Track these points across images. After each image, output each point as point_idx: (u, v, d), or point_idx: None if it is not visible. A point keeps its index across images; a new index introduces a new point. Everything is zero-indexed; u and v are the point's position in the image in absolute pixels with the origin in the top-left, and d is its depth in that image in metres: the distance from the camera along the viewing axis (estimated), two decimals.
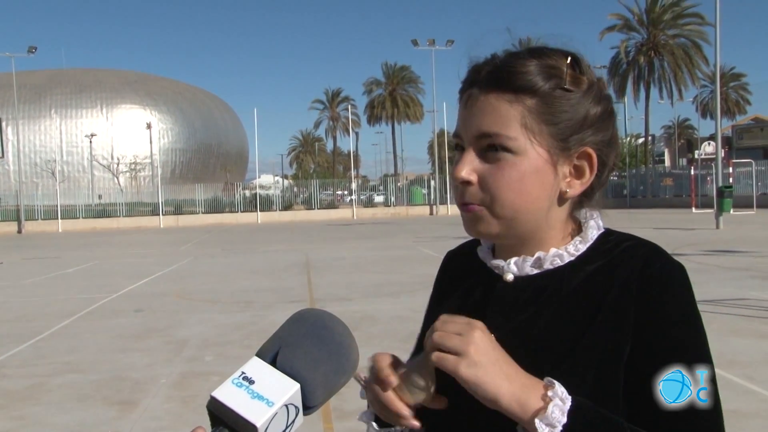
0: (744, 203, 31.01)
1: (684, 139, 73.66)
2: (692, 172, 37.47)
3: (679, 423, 0.90)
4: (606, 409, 0.88)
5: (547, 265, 0.99)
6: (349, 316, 8.55)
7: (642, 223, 24.45)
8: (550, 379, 0.87)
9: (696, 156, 51.74)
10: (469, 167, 0.96)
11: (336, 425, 4.63)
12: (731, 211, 24.23)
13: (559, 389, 0.85)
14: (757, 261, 12.97)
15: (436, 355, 0.87)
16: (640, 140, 58.50)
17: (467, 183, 0.96)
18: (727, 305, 8.44)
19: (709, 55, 48.93)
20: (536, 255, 1.00)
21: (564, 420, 0.83)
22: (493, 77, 0.95)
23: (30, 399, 5.61)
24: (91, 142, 73.55)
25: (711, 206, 23.97)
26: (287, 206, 47.49)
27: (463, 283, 1.09)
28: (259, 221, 42.44)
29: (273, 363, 0.77)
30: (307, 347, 0.78)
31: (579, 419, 0.84)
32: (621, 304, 0.92)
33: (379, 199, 51.31)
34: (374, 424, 0.98)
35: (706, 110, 65.77)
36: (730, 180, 28.11)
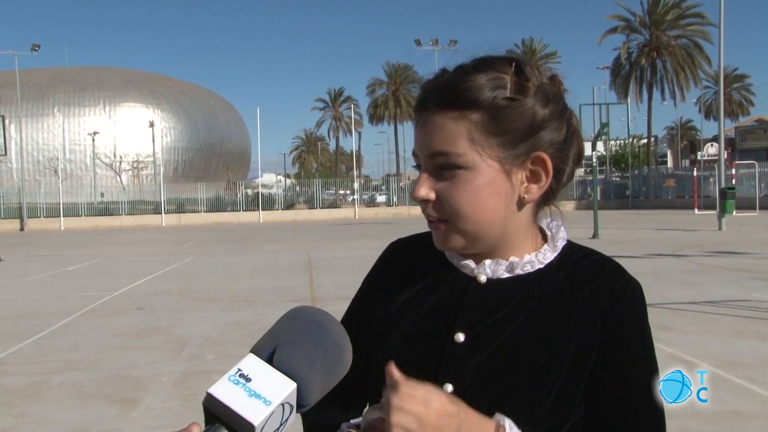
0: (747, 205, 30.96)
1: (687, 140, 73.60)
2: (695, 174, 37.42)
3: (631, 426, 0.98)
4: (568, 409, 0.96)
5: (519, 271, 1.03)
6: None
7: (644, 224, 24.42)
8: (501, 418, 0.90)
9: (699, 157, 51.73)
10: (427, 186, 0.99)
11: None
12: (734, 213, 24.20)
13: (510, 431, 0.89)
14: (759, 263, 12.95)
15: None
16: (643, 141, 58.43)
17: (426, 201, 0.99)
18: (730, 306, 8.42)
19: (712, 56, 48.92)
20: (510, 260, 1.03)
21: None
22: (438, 96, 0.97)
23: (31, 396, 5.61)
24: (93, 140, 73.70)
25: (713, 207, 23.93)
26: (289, 205, 47.47)
27: (421, 278, 1.10)
28: (261, 220, 42.44)
29: (269, 360, 0.76)
30: (304, 346, 0.78)
31: None
32: (589, 315, 0.98)
33: (381, 198, 51.26)
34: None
35: (709, 111, 65.69)
36: (733, 181, 28.09)
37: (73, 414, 5.13)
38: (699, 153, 55.12)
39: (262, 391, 0.73)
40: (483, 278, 1.04)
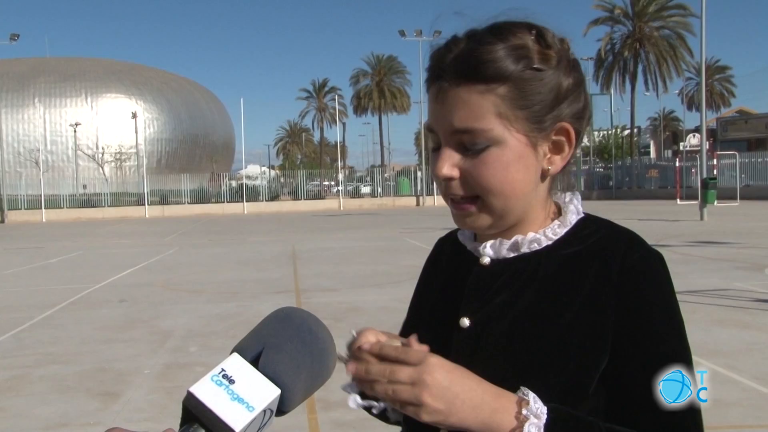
0: (728, 195, 31.25)
1: (669, 131, 74.14)
2: (677, 164, 37.73)
3: (661, 417, 0.90)
4: (580, 398, 0.90)
5: (524, 249, 0.99)
6: (334, 307, 8.54)
7: (627, 215, 24.56)
8: (524, 392, 0.86)
9: (681, 148, 52.10)
10: (450, 163, 0.94)
11: (321, 416, 4.61)
12: (715, 203, 24.44)
13: (534, 405, 0.85)
14: (740, 252, 13.08)
15: (393, 403, 0.86)
16: (626, 132, 58.76)
17: (450, 179, 0.94)
18: (711, 296, 8.50)
19: (694, 48, 49.22)
20: (513, 239, 0.99)
21: None
22: (460, 68, 0.91)
23: (11, 391, 5.55)
24: (75, 131, 72.92)
25: (696, 198, 24.13)
26: (274, 197, 47.35)
27: (449, 267, 1.09)
28: (245, 212, 42.29)
29: (254, 362, 0.74)
30: (291, 352, 0.75)
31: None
32: (601, 291, 0.92)
33: (365, 189, 51.27)
34: (357, 396, 0.96)
35: (691, 102, 66.18)
36: (715, 172, 28.37)
37: (54, 408, 5.08)
38: (681, 144, 55.55)
39: (246, 395, 0.71)
40: (486, 260, 1.00)
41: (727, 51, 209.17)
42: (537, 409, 0.85)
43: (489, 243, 1.00)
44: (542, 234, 0.99)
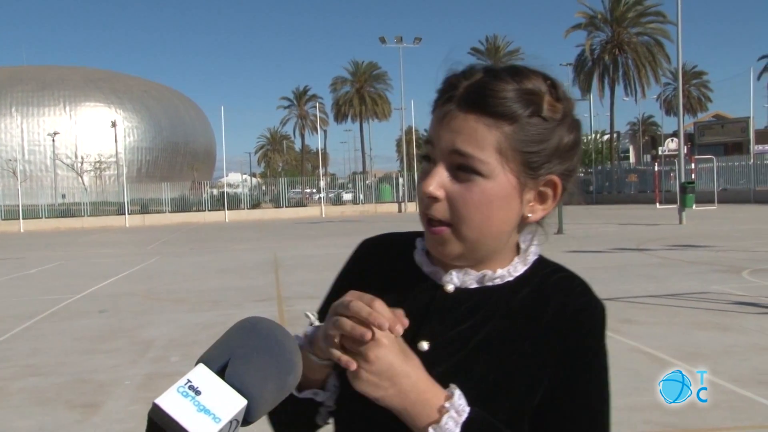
0: (706, 199, 31.57)
1: (648, 135, 74.85)
2: (656, 169, 38.08)
3: None
4: (523, 425, 0.95)
5: (488, 283, 1.01)
6: None
7: (608, 219, 24.74)
8: (452, 387, 0.92)
9: (660, 152, 52.62)
10: (438, 182, 0.95)
11: None
12: (694, 207, 24.68)
13: (458, 401, 0.90)
14: (719, 255, 13.22)
15: (336, 356, 0.89)
16: (606, 137, 59.25)
17: (434, 198, 0.95)
18: (690, 299, 8.59)
19: (671, 53, 49.74)
20: (482, 272, 1.01)
21: (457, 431, 0.88)
22: (473, 99, 0.93)
23: None
24: (53, 140, 72.25)
25: (674, 202, 24.37)
26: (255, 204, 47.18)
27: (389, 281, 1.07)
28: (227, 220, 42.09)
29: (220, 373, 0.74)
30: (258, 363, 0.75)
31: (472, 430, 0.89)
32: (552, 330, 0.97)
33: (347, 196, 51.22)
34: (312, 315, 1.00)
35: (669, 107, 66.81)
36: (692, 176, 28.58)
37: (34, 420, 5.02)
38: (660, 148, 56.11)
39: (212, 406, 0.70)
40: (450, 287, 1.02)
41: (704, 57, 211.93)
42: (460, 405, 0.90)
43: (455, 272, 1.02)
44: (506, 271, 1.02)
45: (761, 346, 6.29)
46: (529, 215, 0.99)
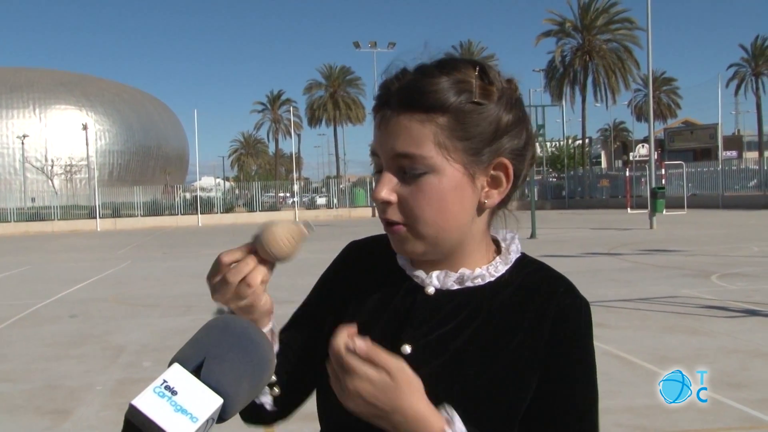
0: (676, 204, 32.04)
1: (619, 141, 75.80)
2: (627, 174, 38.56)
3: None
4: (511, 427, 0.96)
5: (468, 283, 1.01)
6: None
7: (579, 224, 24.99)
8: (449, 414, 0.91)
9: (631, 158, 53.28)
10: (388, 187, 0.96)
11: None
12: (664, 212, 25.00)
13: (458, 425, 0.90)
14: (688, 260, 13.42)
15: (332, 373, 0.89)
16: (578, 142, 59.88)
17: (387, 203, 0.97)
18: (661, 303, 8.70)
19: (641, 60, 50.44)
20: (460, 272, 1.01)
21: None
22: (403, 97, 0.94)
23: None
24: (23, 143, 71.11)
25: (645, 207, 24.68)
26: (228, 209, 46.83)
27: (374, 284, 1.08)
28: (200, 224, 41.72)
29: (195, 372, 0.74)
30: (232, 362, 0.76)
31: None
32: (537, 330, 0.98)
33: (321, 201, 51.09)
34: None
35: (640, 113, 67.75)
36: (663, 181, 29.01)
37: (3, 428, 4.93)
38: (631, 154, 56.82)
39: (189, 406, 0.71)
40: (431, 290, 1.02)
41: (673, 63, 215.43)
42: (458, 430, 0.90)
43: (435, 273, 1.02)
44: (486, 270, 1.02)
45: (729, 349, 6.39)
46: (486, 201, 0.98)
